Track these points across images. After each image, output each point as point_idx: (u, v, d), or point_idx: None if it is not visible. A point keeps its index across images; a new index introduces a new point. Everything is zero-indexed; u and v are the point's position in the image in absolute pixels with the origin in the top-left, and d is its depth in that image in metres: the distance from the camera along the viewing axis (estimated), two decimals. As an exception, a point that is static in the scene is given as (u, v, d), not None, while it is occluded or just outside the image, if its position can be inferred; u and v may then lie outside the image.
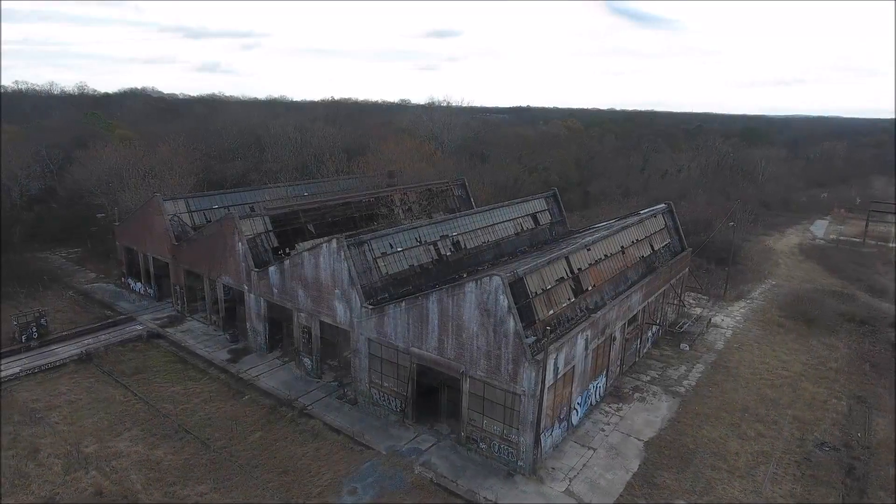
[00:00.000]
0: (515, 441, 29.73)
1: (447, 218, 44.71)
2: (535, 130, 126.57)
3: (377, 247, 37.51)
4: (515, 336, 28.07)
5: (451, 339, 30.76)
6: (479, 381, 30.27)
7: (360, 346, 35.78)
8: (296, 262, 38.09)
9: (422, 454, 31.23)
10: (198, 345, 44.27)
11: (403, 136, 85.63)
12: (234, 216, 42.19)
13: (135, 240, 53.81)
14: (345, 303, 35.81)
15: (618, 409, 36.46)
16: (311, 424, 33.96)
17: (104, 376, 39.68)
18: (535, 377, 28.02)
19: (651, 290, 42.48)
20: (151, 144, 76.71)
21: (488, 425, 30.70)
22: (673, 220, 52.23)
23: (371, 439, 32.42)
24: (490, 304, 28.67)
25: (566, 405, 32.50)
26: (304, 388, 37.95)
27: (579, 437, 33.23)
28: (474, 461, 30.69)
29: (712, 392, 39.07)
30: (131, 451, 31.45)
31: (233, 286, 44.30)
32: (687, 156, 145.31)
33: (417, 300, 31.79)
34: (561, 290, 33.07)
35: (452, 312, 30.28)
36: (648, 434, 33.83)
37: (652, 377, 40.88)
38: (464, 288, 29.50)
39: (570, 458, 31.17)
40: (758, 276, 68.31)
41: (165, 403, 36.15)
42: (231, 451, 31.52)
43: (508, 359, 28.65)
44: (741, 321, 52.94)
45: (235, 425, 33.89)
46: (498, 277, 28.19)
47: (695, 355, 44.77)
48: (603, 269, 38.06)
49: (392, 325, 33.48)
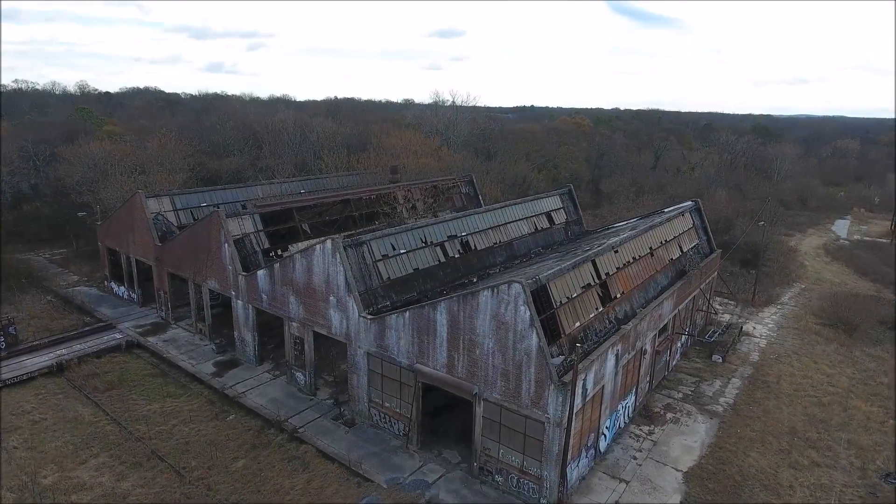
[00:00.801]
0: (537, 475, 25.56)
1: (455, 216, 40.54)
2: (543, 126, 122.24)
3: (378, 248, 33.38)
4: (539, 354, 23.89)
5: (462, 356, 26.62)
6: (494, 405, 26.12)
7: (358, 361, 31.66)
8: (286, 265, 34.00)
9: (428, 488, 27.08)
10: (181, 356, 40.21)
11: (407, 130, 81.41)
12: (220, 213, 38.12)
13: (117, 240, 49.80)
14: (341, 311, 31.70)
15: (649, 432, 32.24)
16: (302, 450, 29.85)
17: (75, 392, 35.67)
18: (561, 402, 23.85)
19: (682, 296, 38.24)
20: (141, 140, 72.85)
21: (505, 455, 26.54)
22: (701, 219, 47.96)
23: (370, 470, 28.29)
24: (508, 316, 24.50)
25: (594, 431, 28.31)
26: (295, 407, 33.83)
27: (608, 466, 29.03)
28: (489, 496, 26.52)
29: (754, 412, 34.79)
30: (95, 483, 27.40)
31: (219, 291, 40.25)
32: (699, 154, 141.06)
33: (423, 310, 27.67)
34: (588, 299, 28.88)
35: (464, 325, 26.13)
36: (687, 463, 29.61)
37: (684, 394, 36.64)
38: (477, 297, 25.34)
39: (600, 493, 26.98)
40: (785, 278, 63.96)
41: (139, 424, 32.10)
42: (209, 484, 27.44)
43: (530, 380, 24.48)
44: (774, 329, 48.62)
45: (216, 451, 29.81)
46: (518, 285, 24.02)
47: (729, 368, 40.50)
48: (631, 274, 33.85)
49: (394, 338, 29.36)
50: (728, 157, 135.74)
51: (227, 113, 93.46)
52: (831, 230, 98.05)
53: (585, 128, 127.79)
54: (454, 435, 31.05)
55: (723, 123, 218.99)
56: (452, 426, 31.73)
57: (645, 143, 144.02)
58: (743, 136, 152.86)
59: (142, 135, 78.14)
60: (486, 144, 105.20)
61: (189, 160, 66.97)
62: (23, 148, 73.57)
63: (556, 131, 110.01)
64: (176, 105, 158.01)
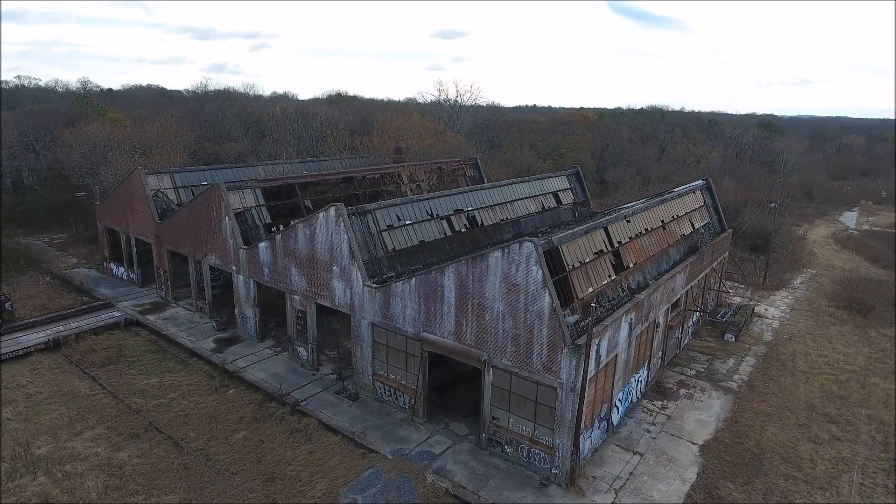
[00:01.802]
0: (549, 444, 24.56)
1: (462, 191, 39.57)
2: (548, 118, 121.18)
3: (382, 218, 32.44)
4: (552, 316, 22.90)
5: (470, 322, 25.64)
6: (504, 372, 25.13)
7: (362, 332, 30.70)
8: (288, 235, 33.05)
9: (435, 459, 26.11)
10: (180, 333, 39.30)
11: (412, 114, 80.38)
12: (221, 186, 37.19)
13: (116, 220, 48.93)
14: (344, 282, 30.75)
15: (662, 406, 31.23)
16: (304, 423, 28.90)
17: (71, 367, 34.76)
18: (575, 366, 22.85)
19: (695, 272, 37.20)
20: (142, 126, 72.03)
21: (515, 425, 25.55)
22: (712, 197, 46.93)
23: (374, 441, 27.34)
24: (520, 277, 23.52)
25: (607, 402, 27.31)
26: (297, 382, 32.89)
27: (621, 439, 28.04)
28: (498, 468, 25.54)
29: (770, 388, 33.77)
30: (90, 453, 26.48)
31: (220, 267, 39.32)
32: (705, 146, 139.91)
33: (430, 275, 26.70)
34: (600, 266, 27.89)
35: (473, 288, 25.15)
36: (703, 436, 28.59)
37: (697, 371, 35.61)
38: (487, 258, 24.37)
39: (613, 465, 25.98)
40: (796, 265, 62.89)
41: (137, 398, 31.19)
42: (208, 454, 26.50)
43: (542, 344, 23.50)
44: (787, 311, 47.57)
45: (216, 423, 28.88)
46: (530, 243, 23.04)
47: (742, 347, 39.47)
48: (644, 245, 32.84)
49: (400, 307, 28.40)
50: (734, 151, 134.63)
51: (229, 100, 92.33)
52: (839, 221, 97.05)
53: (590, 120, 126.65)
54: (461, 409, 30.08)
55: (726, 122, 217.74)
56: (459, 401, 30.78)
57: (649, 136, 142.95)
58: (748, 129, 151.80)
59: (142, 121, 77.37)
60: (490, 135, 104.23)
61: (190, 144, 66.08)
62: (22, 133, 72.83)
63: (561, 122, 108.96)
64: (177, 100, 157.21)
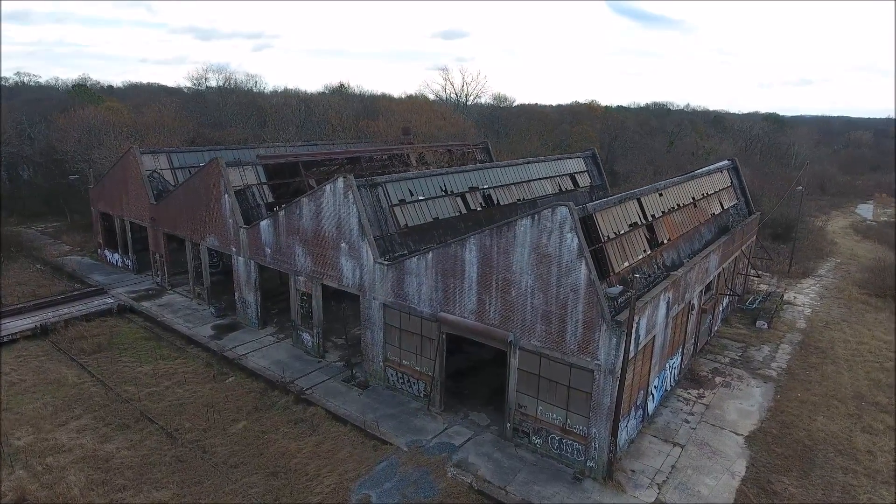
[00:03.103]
0: (584, 434, 22.09)
1: (476, 167, 37.13)
2: (555, 109, 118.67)
3: (394, 192, 30.00)
4: (589, 289, 20.43)
5: (495, 299, 23.17)
6: (532, 354, 22.66)
7: (372, 315, 28.24)
8: (292, 211, 30.60)
9: (455, 451, 23.64)
10: (176, 319, 36.86)
11: (418, 99, 77.84)
12: (220, 161, 34.76)
13: (111, 203, 46.52)
14: (353, 259, 28.29)
15: (699, 395, 28.75)
16: (309, 412, 26.45)
17: (59, 354, 32.35)
18: (615, 346, 20.38)
19: (727, 253, 34.72)
20: (139, 111, 69.65)
21: (545, 413, 23.08)
22: (738, 178, 44.44)
23: (387, 432, 24.87)
24: (552, 247, 21.05)
25: (643, 388, 24.84)
26: (302, 369, 30.45)
27: (658, 429, 25.55)
28: (526, 461, 23.06)
29: (812, 376, 31.28)
30: (75, 445, 24.04)
31: (219, 249, 36.87)
32: (714, 140, 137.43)
33: (449, 248, 24.24)
34: (635, 239, 25.40)
35: (498, 261, 22.69)
36: (747, 426, 26.11)
37: (732, 358, 33.13)
38: (514, 227, 21.90)
39: (652, 458, 23.50)
40: (819, 253, 60.39)
41: (128, 386, 28.76)
42: (205, 446, 24.05)
43: (577, 321, 21.02)
44: (817, 299, 45.08)
45: (213, 413, 26.44)
46: (564, 208, 20.58)
47: (776, 334, 36.97)
48: (677, 221, 30.36)
49: (415, 285, 25.94)
50: (744, 144, 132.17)
51: (230, 89, 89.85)
52: (855, 212, 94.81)
53: (598, 111, 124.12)
54: (481, 397, 27.65)
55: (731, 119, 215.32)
56: (478, 389, 28.36)
57: (656, 129, 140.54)
58: (757, 123, 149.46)
59: (139, 108, 74.94)
60: (497, 126, 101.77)
61: (188, 130, 63.66)
62: (17, 121, 70.33)
63: (569, 112, 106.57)
64: (177, 95, 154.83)
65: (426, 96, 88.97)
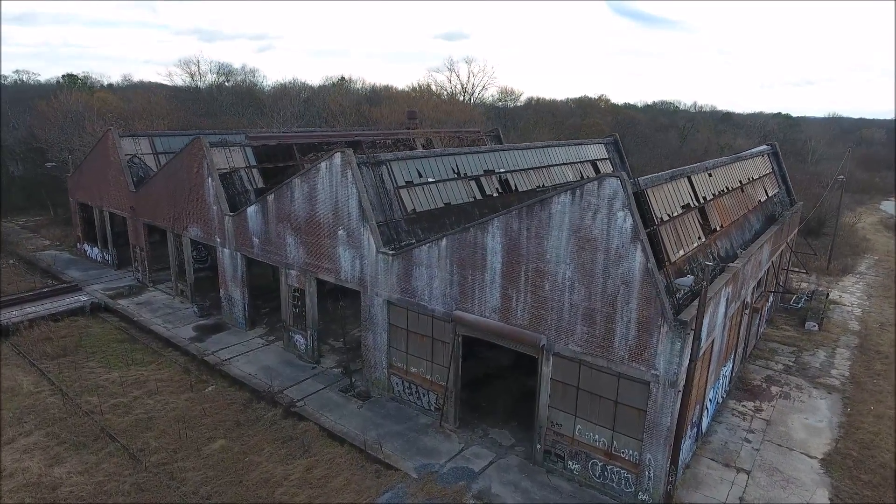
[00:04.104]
0: (635, 461, 18.00)
1: (491, 149, 33.09)
2: (564, 103, 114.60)
3: (400, 172, 25.98)
4: (646, 280, 16.35)
5: (524, 294, 19.10)
6: (570, 361, 18.58)
7: (375, 313, 24.18)
8: (283, 195, 26.59)
9: (475, 478, 19.55)
10: (155, 319, 32.85)
11: (423, 89, 73.82)
12: (203, 140, 30.77)
13: (89, 192, 42.56)
14: (353, 249, 24.25)
15: (756, 408, 24.63)
16: (300, 429, 22.38)
17: (18, 358, 28.35)
18: (678, 352, 16.28)
19: (776, 245, 30.65)
20: (128, 101, 65.79)
21: (585, 433, 18.99)
22: (779, 164, 40.29)
23: (392, 454, 20.79)
24: (598, 229, 16.97)
25: (699, 402, 20.73)
26: (293, 377, 26.41)
27: (716, 451, 21.44)
28: (562, 491, 18.96)
29: (882, 386, 27.15)
30: (18, 469, 20.01)
31: (202, 241, 32.87)
32: (727, 135, 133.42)
33: (467, 234, 20.18)
34: (688, 223, 21.31)
35: (528, 249, 18.62)
36: (820, 447, 21.98)
37: (785, 365, 29.00)
38: (549, 205, 17.83)
39: (714, 487, 19.39)
40: (854, 250, 56.27)
41: (91, 396, 24.72)
42: (172, 471, 20.00)
43: (629, 321, 16.93)
44: (864, 298, 40.94)
45: (187, 429, 22.38)
46: (615, 179, 16.51)
47: (829, 337, 32.83)
48: (727, 206, 26.28)
49: (425, 278, 21.87)
50: (758, 140, 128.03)
51: (226, 74, 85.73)
52: (881, 209, 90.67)
53: (607, 105, 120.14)
54: (502, 411, 23.58)
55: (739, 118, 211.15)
56: (498, 401, 24.30)
57: (667, 125, 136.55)
58: (770, 118, 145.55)
59: (129, 100, 71.09)
60: (504, 121, 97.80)
61: (179, 117, 59.70)
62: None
63: (579, 104, 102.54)
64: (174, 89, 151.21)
65: (431, 87, 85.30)
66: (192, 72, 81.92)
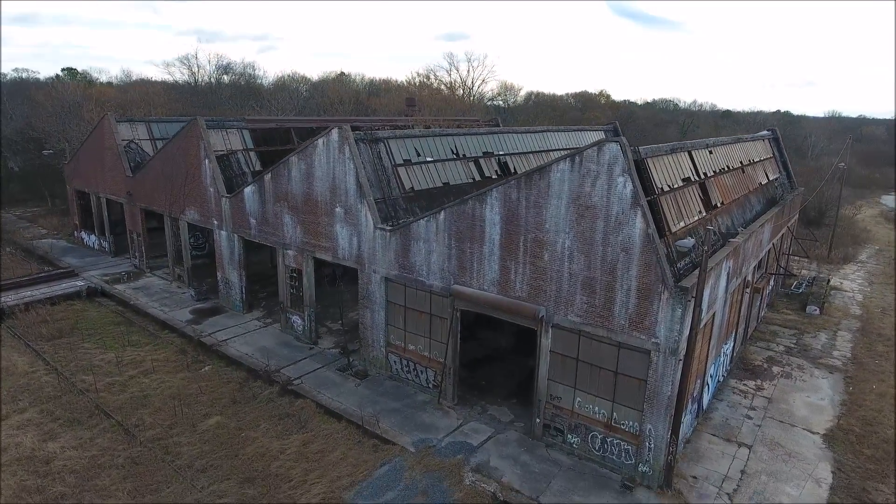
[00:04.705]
0: (635, 432, 17.78)
1: (490, 131, 32.88)
2: (565, 94, 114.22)
3: (398, 150, 25.77)
4: (646, 246, 16.14)
5: (522, 265, 18.89)
6: (570, 332, 18.37)
7: (372, 291, 23.96)
8: (280, 173, 26.37)
9: (473, 452, 19.34)
10: (151, 303, 32.63)
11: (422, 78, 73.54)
12: (200, 121, 30.56)
13: (86, 179, 42.34)
14: (350, 226, 24.03)
15: (757, 387, 24.41)
16: (297, 406, 22.18)
17: (14, 341, 28.12)
18: (679, 318, 16.07)
19: (777, 227, 30.42)
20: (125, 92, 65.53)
21: (584, 405, 18.77)
22: (780, 150, 40.08)
23: (390, 429, 20.59)
24: (598, 196, 16.76)
25: (700, 377, 20.51)
26: (290, 356, 26.19)
27: (716, 427, 21.23)
28: (561, 464, 18.74)
29: (884, 366, 26.94)
30: (12, 444, 19.80)
31: (199, 224, 32.62)
32: (726, 131, 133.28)
33: (466, 206, 19.97)
34: (689, 196, 21.10)
35: (527, 219, 18.41)
36: (822, 424, 21.77)
37: (786, 346, 28.79)
38: (548, 173, 17.62)
39: (716, 461, 19.18)
40: (855, 240, 56.03)
41: (85, 375, 24.50)
42: (167, 446, 19.80)
43: (629, 289, 16.72)
44: (865, 285, 40.74)
45: (182, 406, 22.17)
46: (615, 144, 16.33)
47: (830, 321, 32.62)
48: (728, 184, 26.06)
49: (423, 253, 21.66)
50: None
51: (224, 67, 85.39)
52: (881, 202, 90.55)
53: (607, 100, 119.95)
54: (501, 390, 23.37)
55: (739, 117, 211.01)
56: (498, 381, 24.10)
57: (667, 121, 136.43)
58: (771, 115, 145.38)
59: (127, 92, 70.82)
60: (504, 115, 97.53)
61: (177, 108, 59.47)
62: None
63: (579, 98, 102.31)
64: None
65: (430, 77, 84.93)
66: (191, 64, 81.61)
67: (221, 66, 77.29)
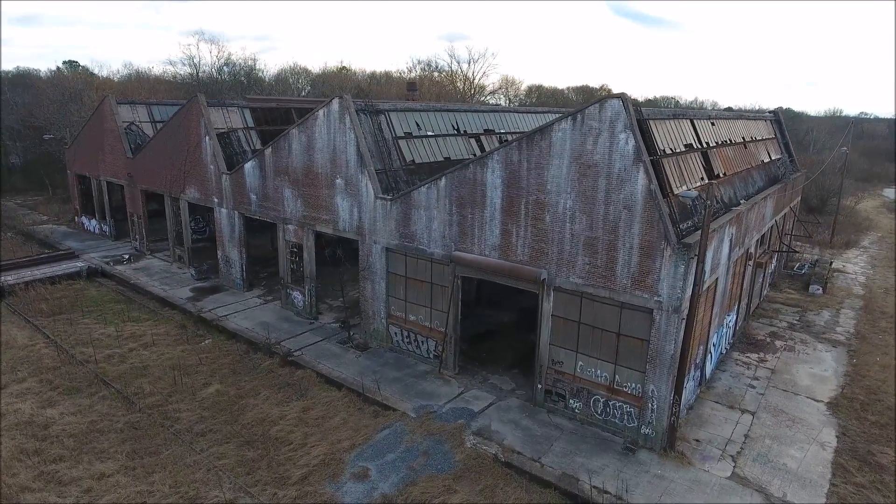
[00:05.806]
0: (637, 394, 17.65)
1: (492, 109, 32.79)
2: (568, 88, 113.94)
3: (399, 123, 25.66)
4: (649, 203, 16.01)
5: (524, 229, 18.76)
6: (572, 294, 18.23)
7: (373, 262, 23.85)
8: (280, 147, 26.26)
9: (475, 417, 19.22)
10: (152, 282, 32.55)
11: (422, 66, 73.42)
12: (200, 98, 30.46)
13: (87, 163, 42.28)
14: (351, 198, 23.92)
15: (760, 359, 24.27)
16: (297, 376, 22.08)
17: (14, 317, 28.02)
18: (682, 276, 15.93)
19: (780, 204, 30.27)
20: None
21: (586, 369, 18.64)
22: (782, 132, 39.93)
23: (391, 396, 20.47)
24: (599, 154, 16.63)
25: (703, 343, 20.38)
26: (291, 330, 26.08)
27: (719, 395, 21.09)
28: (563, 429, 18.62)
29: (887, 340, 26.79)
30: (10, 410, 19.69)
31: (200, 203, 32.52)
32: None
33: (466, 171, 19.85)
34: (691, 162, 20.95)
35: (528, 181, 18.28)
36: (826, 392, 21.62)
37: (789, 322, 28.65)
38: (550, 132, 17.48)
39: (719, 426, 19.04)
40: (857, 227, 55.93)
41: (85, 348, 24.41)
42: (167, 412, 19.70)
43: (632, 247, 16.59)
44: (868, 268, 40.56)
45: (182, 376, 22.06)
46: (616, 100, 16.18)
47: (833, 299, 32.46)
48: (730, 157, 25.91)
49: (424, 221, 21.54)
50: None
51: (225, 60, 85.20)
52: (882, 195, 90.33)
53: (608, 93, 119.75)
54: (502, 362, 23.24)
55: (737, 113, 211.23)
56: (499, 354, 23.97)
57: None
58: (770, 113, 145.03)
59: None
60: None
61: (177, 97, 59.34)
62: None
63: (581, 91, 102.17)
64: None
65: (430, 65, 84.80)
66: (192, 56, 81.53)
67: (223, 59, 77.24)
